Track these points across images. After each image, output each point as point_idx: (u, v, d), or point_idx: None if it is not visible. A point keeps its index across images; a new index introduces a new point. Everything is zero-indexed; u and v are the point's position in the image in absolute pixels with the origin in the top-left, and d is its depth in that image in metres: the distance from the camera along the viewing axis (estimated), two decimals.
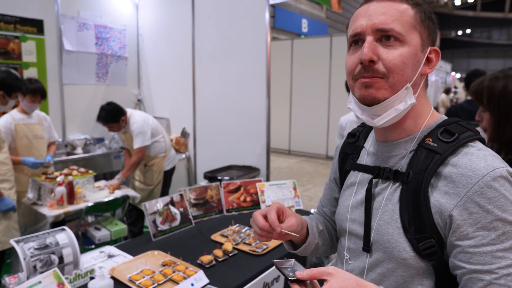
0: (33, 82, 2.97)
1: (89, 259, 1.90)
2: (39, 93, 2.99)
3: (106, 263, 1.85)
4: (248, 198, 2.64)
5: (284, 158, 9.08)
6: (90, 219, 3.34)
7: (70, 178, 2.89)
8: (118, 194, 3.19)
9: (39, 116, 3.19)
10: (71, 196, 2.86)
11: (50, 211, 2.73)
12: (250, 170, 3.69)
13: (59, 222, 2.89)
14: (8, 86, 2.57)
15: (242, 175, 3.50)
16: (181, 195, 2.37)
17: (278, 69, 8.70)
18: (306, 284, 0.71)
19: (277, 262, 0.76)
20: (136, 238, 2.33)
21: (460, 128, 0.78)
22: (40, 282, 1.33)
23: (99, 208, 3.00)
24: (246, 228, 2.32)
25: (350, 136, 1.02)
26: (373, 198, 0.86)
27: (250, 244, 2.09)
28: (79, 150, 4.04)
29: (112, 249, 2.03)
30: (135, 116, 3.44)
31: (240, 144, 3.93)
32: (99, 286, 1.48)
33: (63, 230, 1.69)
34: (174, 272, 1.72)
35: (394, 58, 0.76)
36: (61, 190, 2.78)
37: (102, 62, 4.36)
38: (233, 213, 2.57)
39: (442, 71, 16.16)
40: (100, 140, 4.33)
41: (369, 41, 0.77)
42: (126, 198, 3.17)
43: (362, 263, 0.87)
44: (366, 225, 0.85)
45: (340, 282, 0.66)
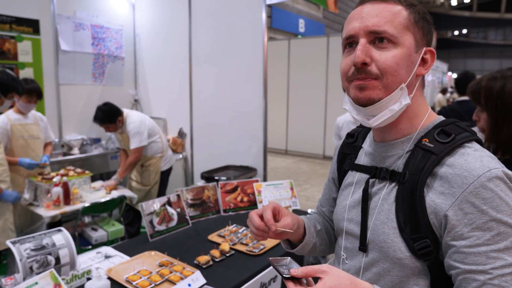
0: (29, 83, 2.96)
1: (86, 260, 1.89)
2: (35, 93, 2.98)
3: (103, 264, 1.85)
4: (245, 198, 2.64)
5: (281, 158, 9.09)
6: (86, 220, 3.33)
7: (65, 178, 2.88)
8: (115, 194, 3.18)
9: (35, 116, 3.18)
10: (68, 196, 2.86)
11: (46, 212, 2.72)
12: (247, 170, 3.70)
13: (56, 222, 2.89)
14: (4, 86, 2.56)
15: (239, 175, 3.50)
16: (178, 196, 2.37)
17: (275, 69, 8.71)
18: (301, 281, 0.71)
19: (272, 260, 0.76)
20: (133, 239, 2.33)
21: (457, 129, 0.78)
22: (36, 283, 1.32)
23: (96, 208, 2.99)
24: (243, 228, 2.32)
25: (348, 136, 1.03)
26: (369, 198, 0.86)
27: (247, 244, 2.09)
28: (76, 151, 4.03)
29: (109, 249, 2.03)
30: (132, 116, 3.43)
31: (237, 144, 3.93)
32: (96, 287, 1.48)
33: (60, 231, 1.68)
34: (171, 272, 1.72)
35: (387, 60, 0.76)
36: (57, 190, 2.77)
37: (99, 62, 4.35)
38: (230, 213, 2.57)
39: (439, 71, 16.24)
40: (96, 140, 4.32)
41: (362, 43, 0.78)
42: (123, 198, 3.16)
43: (359, 263, 0.87)
44: (362, 224, 0.86)
45: (334, 280, 0.66)
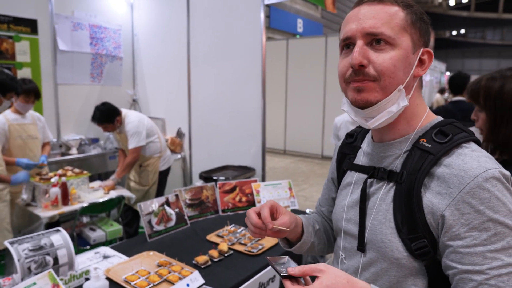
0: (26, 83, 2.96)
1: (84, 260, 1.89)
2: (33, 93, 2.97)
3: (101, 264, 1.85)
4: (243, 198, 2.64)
5: (279, 158, 9.09)
6: (85, 220, 3.32)
7: (64, 178, 2.88)
8: (113, 194, 3.18)
9: (33, 116, 3.17)
10: (66, 197, 2.85)
11: (44, 212, 2.72)
12: (245, 170, 3.70)
13: (54, 223, 2.88)
14: (3, 86, 2.55)
15: (237, 175, 3.50)
16: (176, 196, 2.37)
17: (273, 69, 8.71)
18: (298, 280, 0.71)
19: (270, 259, 0.76)
20: (131, 239, 2.33)
21: (454, 129, 0.78)
22: (34, 283, 1.32)
23: (94, 208, 2.99)
24: (242, 228, 2.32)
25: (348, 136, 1.03)
26: (367, 198, 0.86)
27: (245, 244, 2.09)
28: (74, 151, 4.02)
29: (107, 249, 2.03)
30: (130, 116, 3.43)
31: (235, 144, 3.93)
32: (94, 287, 1.48)
33: (58, 231, 1.68)
34: (169, 272, 1.72)
35: (385, 62, 0.76)
36: (55, 191, 2.76)
37: (97, 62, 4.34)
38: (228, 213, 2.58)
39: (437, 71, 16.26)
40: (95, 140, 4.31)
41: (359, 45, 0.78)
42: (121, 198, 3.16)
43: (357, 263, 0.88)
44: (360, 224, 0.86)
45: (330, 279, 0.67)
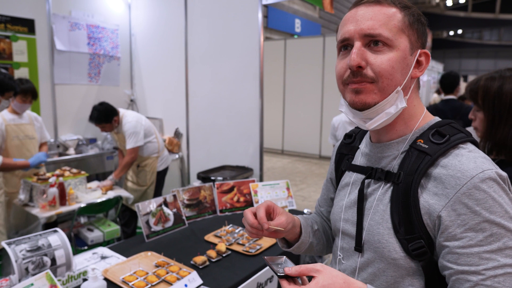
0: (24, 82, 2.95)
1: (82, 261, 1.89)
2: (30, 93, 2.97)
3: (99, 265, 1.85)
4: (241, 199, 2.64)
5: (277, 158, 9.10)
6: (82, 220, 3.32)
7: (61, 179, 2.87)
8: (111, 195, 3.17)
9: (30, 116, 3.16)
10: (63, 197, 2.84)
11: (42, 213, 2.71)
12: (243, 170, 3.70)
13: (51, 223, 2.88)
14: (1, 85, 2.55)
15: (235, 176, 3.50)
16: (174, 196, 2.36)
17: (271, 69, 8.72)
18: (296, 280, 0.72)
19: (268, 259, 0.77)
20: (129, 239, 2.32)
21: (451, 130, 0.79)
22: (32, 284, 1.32)
23: (92, 209, 2.98)
24: (240, 228, 2.32)
25: (346, 137, 1.03)
26: (365, 199, 0.87)
27: (243, 244, 2.09)
28: (71, 151, 4.01)
29: (105, 250, 2.02)
30: (128, 116, 3.42)
31: (233, 144, 3.93)
32: (92, 287, 1.47)
33: (56, 231, 1.68)
34: (167, 273, 1.72)
35: (383, 63, 0.77)
36: (53, 191, 2.76)
37: (94, 62, 4.34)
38: (226, 213, 2.58)
39: (434, 71, 16.30)
40: (92, 140, 4.31)
41: (357, 46, 0.78)
42: (119, 199, 3.16)
43: (354, 263, 0.88)
44: (358, 225, 0.86)
45: (327, 279, 0.67)
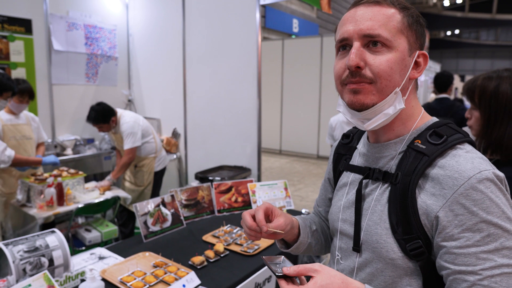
0: (20, 83, 2.94)
1: (79, 261, 1.88)
2: (27, 93, 2.96)
3: (97, 265, 1.84)
4: (239, 199, 2.64)
5: (275, 158, 9.10)
6: (80, 221, 3.31)
7: (59, 179, 2.86)
8: (109, 195, 3.16)
9: (27, 116, 3.15)
10: (61, 197, 2.84)
11: (39, 213, 2.70)
12: (241, 171, 3.70)
13: (49, 223, 2.87)
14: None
15: (233, 176, 3.50)
16: (172, 196, 2.36)
17: (269, 69, 8.72)
18: (294, 280, 0.72)
19: (266, 259, 0.77)
20: (127, 240, 2.32)
21: (449, 130, 0.79)
22: (30, 285, 1.32)
23: (90, 209, 2.98)
24: (238, 228, 2.32)
25: (344, 137, 1.03)
26: (363, 199, 0.87)
27: (241, 244, 2.09)
28: (69, 151, 4.00)
29: (103, 250, 2.02)
30: (126, 116, 3.42)
31: (231, 144, 3.93)
32: None
33: (53, 232, 1.67)
34: (165, 273, 1.72)
35: (381, 64, 0.77)
36: (50, 191, 2.75)
37: (92, 62, 4.33)
38: (224, 213, 2.57)
39: (432, 71, 16.32)
40: (90, 140, 4.30)
41: (356, 47, 0.78)
42: (116, 199, 3.15)
43: (352, 263, 0.88)
44: (356, 225, 0.86)
45: (325, 278, 0.67)
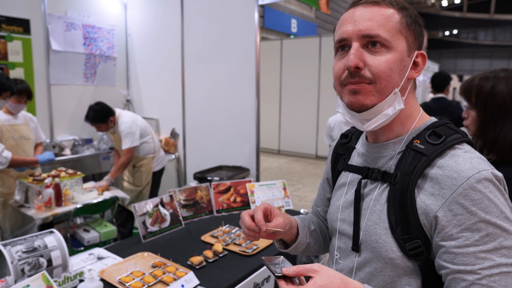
0: (18, 83, 2.94)
1: (78, 262, 1.88)
2: (25, 93, 2.95)
3: (96, 265, 1.84)
4: (238, 199, 2.64)
5: (274, 158, 9.10)
6: (79, 221, 3.30)
7: (57, 179, 2.86)
8: (107, 195, 3.16)
9: (25, 117, 3.15)
10: (59, 198, 2.83)
11: (37, 214, 2.70)
12: (240, 171, 3.70)
13: (47, 224, 2.86)
14: None
15: (232, 176, 3.50)
16: (170, 196, 2.36)
17: (268, 69, 8.72)
18: (293, 280, 0.72)
19: (265, 259, 0.77)
20: (125, 240, 2.32)
21: (448, 130, 0.79)
22: (28, 285, 1.31)
23: (88, 209, 2.97)
24: (236, 228, 2.32)
25: (342, 137, 1.03)
26: (362, 199, 0.87)
27: (240, 244, 2.09)
28: (67, 151, 3.99)
29: (101, 251, 2.02)
30: (124, 116, 3.41)
31: (229, 144, 3.93)
32: None
33: (52, 232, 1.67)
34: (164, 273, 1.72)
35: (380, 64, 0.77)
36: (49, 192, 2.74)
37: (90, 62, 4.32)
38: (223, 213, 2.57)
39: (430, 71, 16.34)
40: (88, 141, 4.29)
41: (355, 47, 0.78)
42: (115, 199, 3.15)
43: (351, 263, 0.88)
44: (355, 225, 0.87)
45: (324, 279, 0.67)
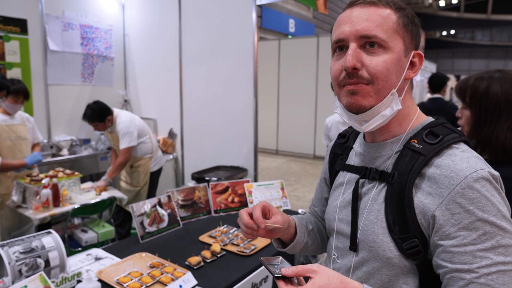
0: (15, 83, 2.92)
1: (76, 262, 1.88)
2: (22, 93, 2.94)
3: (93, 266, 1.84)
4: (236, 199, 2.64)
5: (272, 158, 9.10)
6: (76, 221, 3.30)
7: (55, 180, 2.85)
8: (105, 195, 3.15)
9: (22, 117, 3.13)
10: (57, 198, 2.82)
11: (35, 214, 2.69)
12: (237, 171, 3.69)
13: (45, 224, 2.85)
14: None
15: (230, 176, 3.50)
16: (168, 196, 2.36)
17: (266, 69, 8.72)
18: (292, 281, 0.72)
19: (264, 259, 0.77)
20: (123, 240, 2.32)
21: (445, 130, 0.79)
22: (26, 286, 1.31)
23: (86, 210, 2.96)
24: (234, 229, 2.32)
25: (340, 137, 1.04)
26: (359, 198, 0.87)
27: (238, 245, 2.09)
28: (65, 152, 3.98)
29: (99, 251, 2.01)
30: (122, 116, 3.41)
31: (227, 144, 3.93)
32: None
33: (49, 233, 1.67)
34: (162, 274, 1.71)
35: (378, 65, 0.77)
36: (46, 192, 2.74)
37: (88, 62, 4.31)
38: (221, 214, 2.57)
39: (427, 71, 16.39)
40: (86, 141, 4.28)
41: (352, 48, 0.78)
42: (113, 199, 3.14)
43: (349, 262, 0.88)
44: (352, 224, 0.87)
45: (323, 279, 0.67)
